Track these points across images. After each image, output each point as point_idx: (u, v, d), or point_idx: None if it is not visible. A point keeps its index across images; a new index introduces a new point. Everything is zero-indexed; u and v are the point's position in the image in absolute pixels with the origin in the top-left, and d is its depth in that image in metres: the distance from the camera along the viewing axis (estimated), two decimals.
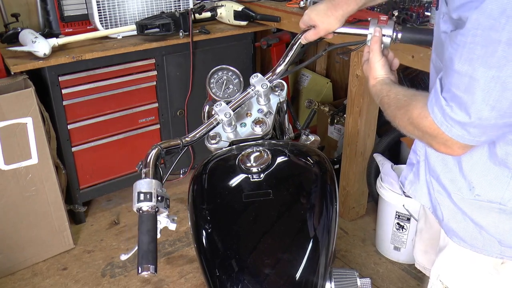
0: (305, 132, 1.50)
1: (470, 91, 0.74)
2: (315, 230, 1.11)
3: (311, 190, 1.20)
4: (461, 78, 0.75)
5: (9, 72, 2.11)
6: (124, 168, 2.61)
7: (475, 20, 0.70)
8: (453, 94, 0.77)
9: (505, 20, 0.67)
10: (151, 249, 0.94)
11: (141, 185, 1.01)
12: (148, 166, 1.07)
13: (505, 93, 0.71)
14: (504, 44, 0.68)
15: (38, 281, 2.19)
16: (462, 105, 0.76)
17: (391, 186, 2.13)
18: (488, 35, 0.69)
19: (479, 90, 0.73)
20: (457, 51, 0.75)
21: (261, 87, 1.29)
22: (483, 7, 0.69)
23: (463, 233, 1.02)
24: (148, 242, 0.94)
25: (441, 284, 1.11)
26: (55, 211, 2.26)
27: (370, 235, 2.47)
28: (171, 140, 1.17)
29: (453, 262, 1.08)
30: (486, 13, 0.68)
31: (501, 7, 0.67)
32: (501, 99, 0.72)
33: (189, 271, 2.19)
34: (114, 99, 2.42)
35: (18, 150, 2.07)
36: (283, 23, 2.55)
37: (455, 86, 0.76)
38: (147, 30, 2.34)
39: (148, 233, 0.95)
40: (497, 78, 0.71)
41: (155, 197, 0.99)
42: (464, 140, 0.80)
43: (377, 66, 1.08)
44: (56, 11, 2.31)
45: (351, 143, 2.39)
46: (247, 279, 1.03)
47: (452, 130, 0.80)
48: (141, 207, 0.97)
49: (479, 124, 0.77)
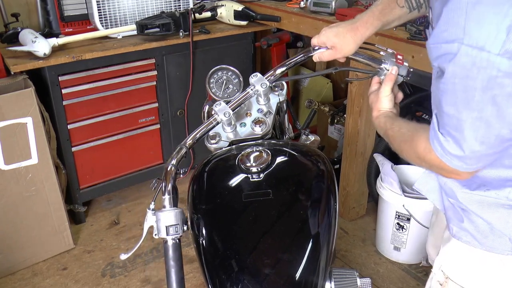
0: (305, 132, 1.50)
1: (459, 130, 0.83)
2: (315, 230, 1.11)
3: (311, 190, 1.20)
4: (450, 119, 0.83)
5: (9, 72, 2.11)
6: (124, 168, 2.61)
7: (452, 71, 0.79)
8: (447, 131, 0.85)
9: (476, 70, 0.75)
10: (181, 277, 1.04)
11: (167, 218, 1.05)
12: (169, 193, 1.09)
13: (490, 130, 0.80)
14: (480, 90, 0.76)
15: (38, 281, 2.19)
16: (456, 141, 0.84)
17: (391, 186, 2.13)
18: (465, 83, 0.77)
19: (467, 129, 0.81)
20: (443, 96, 0.83)
21: (261, 87, 1.29)
22: (456, 60, 0.77)
23: (474, 233, 1.02)
24: (177, 270, 1.03)
25: (443, 274, 1.12)
26: (55, 211, 2.26)
27: (370, 235, 2.47)
28: (177, 151, 1.17)
29: (456, 254, 1.09)
30: (460, 65, 0.77)
31: (471, 60, 0.75)
32: (487, 135, 0.81)
33: (189, 271, 2.19)
34: (114, 99, 2.42)
35: (18, 150, 2.07)
36: (283, 23, 2.55)
37: (447, 125, 0.85)
38: (147, 30, 2.34)
39: (176, 262, 1.03)
40: (480, 118, 0.79)
41: (181, 228, 1.05)
42: (464, 169, 0.89)
43: (385, 100, 1.14)
44: (56, 11, 2.31)
45: (351, 143, 2.39)
46: (247, 279, 1.03)
47: (452, 162, 0.88)
48: (168, 239, 1.04)
49: (473, 156, 0.85)
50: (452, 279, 1.09)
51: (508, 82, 0.74)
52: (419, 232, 2.16)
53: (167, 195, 1.08)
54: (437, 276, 1.15)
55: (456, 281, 1.09)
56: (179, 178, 1.16)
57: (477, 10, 0.73)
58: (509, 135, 0.81)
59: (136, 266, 2.28)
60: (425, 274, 2.20)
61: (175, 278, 1.04)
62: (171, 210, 1.06)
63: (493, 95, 0.76)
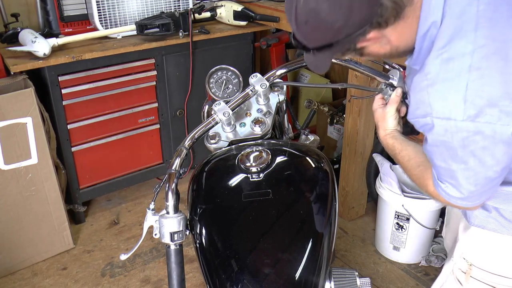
0: (305, 132, 1.50)
1: (454, 178, 0.96)
2: (314, 229, 1.11)
3: (311, 189, 1.20)
4: (444, 171, 0.97)
5: (9, 72, 2.11)
6: (124, 168, 2.61)
7: (432, 139, 0.94)
8: (445, 179, 0.98)
9: (450, 135, 0.89)
10: (183, 278, 1.09)
11: (171, 225, 1.08)
12: (173, 199, 1.10)
13: (478, 175, 0.93)
14: (459, 148, 0.90)
15: (38, 281, 2.19)
16: (454, 186, 0.97)
17: (390, 186, 2.13)
18: (445, 145, 0.91)
19: (460, 177, 0.94)
20: (431, 154, 0.97)
21: (260, 87, 1.29)
22: (433, 131, 0.91)
23: (501, 220, 1.07)
24: (179, 273, 1.08)
25: (466, 261, 1.16)
26: (55, 211, 2.26)
27: (370, 235, 2.47)
28: (177, 153, 1.17)
29: (479, 241, 1.13)
30: (436, 134, 0.91)
31: (444, 128, 0.89)
32: (478, 178, 0.94)
33: (189, 271, 2.19)
34: (114, 99, 2.42)
35: (18, 150, 2.07)
36: (283, 23, 2.55)
37: (443, 175, 0.98)
38: (146, 30, 2.34)
39: (178, 265, 1.08)
40: (467, 168, 0.92)
41: (184, 234, 1.09)
42: (471, 205, 1.01)
43: (390, 119, 1.19)
44: (56, 11, 2.31)
45: (351, 143, 2.39)
46: (247, 279, 1.03)
47: (458, 202, 1.00)
48: (171, 244, 1.08)
49: (473, 195, 0.97)
50: (476, 265, 1.14)
51: (479, 139, 0.87)
52: (418, 232, 2.17)
53: (171, 201, 1.09)
54: (458, 265, 1.18)
55: (481, 267, 1.13)
56: (179, 178, 1.17)
57: (436, 89, 0.89)
58: (495, 175, 0.93)
59: (135, 266, 2.28)
60: (424, 274, 2.21)
61: (176, 280, 1.07)
62: (175, 217, 1.08)
63: (471, 150, 0.89)
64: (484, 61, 0.85)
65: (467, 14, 0.87)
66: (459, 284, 1.19)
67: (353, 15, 0.87)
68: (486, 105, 0.85)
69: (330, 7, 0.86)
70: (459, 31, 0.87)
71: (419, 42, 0.94)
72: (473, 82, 0.85)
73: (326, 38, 0.91)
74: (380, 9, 0.88)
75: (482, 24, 0.86)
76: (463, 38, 0.86)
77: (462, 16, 0.87)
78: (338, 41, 0.90)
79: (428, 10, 0.90)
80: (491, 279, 1.12)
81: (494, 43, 0.85)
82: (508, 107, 0.85)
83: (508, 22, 0.86)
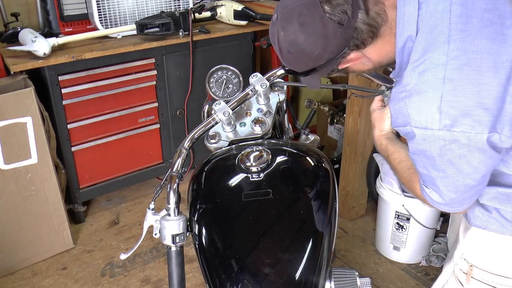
0: (305, 131, 1.50)
1: (435, 185, 1.00)
2: (314, 229, 1.11)
3: (311, 189, 1.20)
4: (426, 177, 1.01)
5: (9, 71, 2.11)
6: (124, 168, 2.61)
7: (412, 148, 0.98)
8: (427, 186, 1.03)
9: (428, 144, 0.93)
10: (183, 278, 1.10)
11: (173, 227, 1.08)
12: (174, 201, 1.10)
13: (457, 182, 0.97)
14: (437, 156, 0.93)
15: (37, 281, 2.19)
16: (437, 192, 1.01)
17: (390, 186, 2.13)
18: (425, 153, 0.95)
19: (440, 184, 0.98)
20: (414, 161, 1.01)
21: (261, 87, 1.29)
22: (414, 141, 0.95)
23: (502, 221, 1.07)
24: (179, 274, 1.09)
25: (466, 262, 1.16)
26: (55, 211, 2.26)
27: (370, 235, 2.47)
28: (177, 155, 1.17)
29: (480, 242, 1.13)
30: (416, 143, 0.95)
31: (422, 137, 0.93)
32: (457, 185, 0.97)
33: (189, 271, 2.19)
34: (114, 99, 2.42)
35: (17, 149, 2.07)
36: None
37: (426, 181, 1.02)
38: (147, 29, 2.34)
39: (179, 266, 1.09)
40: (446, 176, 0.96)
41: (186, 236, 1.09)
42: (454, 211, 1.06)
43: (387, 120, 1.20)
44: (56, 11, 2.31)
45: (351, 143, 2.39)
46: (247, 279, 1.03)
47: (441, 207, 1.04)
48: (173, 246, 1.08)
49: (454, 202, 1.02)
50: (477, 266, 1.14)
51: (455, 147, 0.91)
52: (418, 232, 2.17)
53: (173, 203, 1.08)
54: (459, 266, 1.19)
55: (482, 268, 1.13)
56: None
57: (412, 100, 0.92)
58: (473, 182, 0.96)
59: (135, 266, 2.28)
60: (424, 273, 2.20)
61: (177, 281, 1.08)
62: (176, 219, 1.08)
63: (448, 158, 0.93)
64: (457, 73, 0.88)
65: (440, 26, 0.90)
66: (460, 285, 1.19)
67: (329, 43, 0.93)
68: (460, 115, 0.88)
69: (306, 39, 0.93)
70: (433, 43, 0.90)
71: (399, 55, 0.97)
72: (447, 93, 0.88)
73: (308, 64, 0.99)
74: (355, 33, 0.93)
75: (454, 36, 0.89)
76: (436, 50, 0.90)
77: (435, 29, 0.90)
78: (320, 65, 0.97)
79: (403, 26, 0.93)
80: (492, 279, 1.12)
81: (467, 55, 0.88)
82: (481, 117, 0.88)
83: (480, 33, 0.89)
